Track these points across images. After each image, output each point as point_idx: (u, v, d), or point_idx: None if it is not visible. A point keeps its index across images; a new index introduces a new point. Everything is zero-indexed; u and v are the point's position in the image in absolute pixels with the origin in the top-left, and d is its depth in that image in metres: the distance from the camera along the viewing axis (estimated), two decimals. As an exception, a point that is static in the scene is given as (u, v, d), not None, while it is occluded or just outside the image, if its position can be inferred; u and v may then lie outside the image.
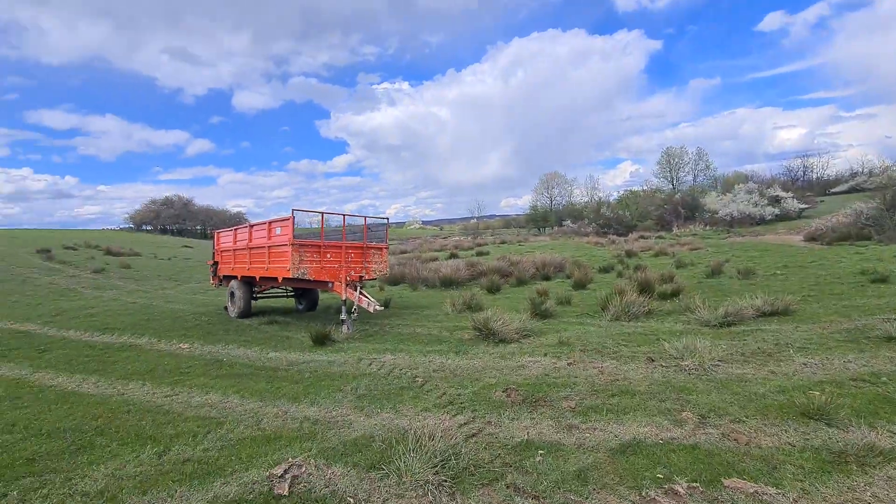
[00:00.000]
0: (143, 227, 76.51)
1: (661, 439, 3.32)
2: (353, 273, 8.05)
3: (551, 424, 3.68)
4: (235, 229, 9.81)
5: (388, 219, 8.98)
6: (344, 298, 7.67)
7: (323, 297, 12.15)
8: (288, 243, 7.55)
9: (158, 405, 4.49)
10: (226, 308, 10.43)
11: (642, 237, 41.93)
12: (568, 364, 5.29)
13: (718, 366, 4.95)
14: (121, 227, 77.73)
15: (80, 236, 42.46)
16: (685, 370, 4.88)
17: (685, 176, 70.13)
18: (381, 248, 8.92)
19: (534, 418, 3.82)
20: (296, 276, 7.54)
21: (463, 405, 4.21)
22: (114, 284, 17.27)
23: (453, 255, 30.98)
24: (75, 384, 5.24)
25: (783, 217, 49.92)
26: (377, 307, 7.33)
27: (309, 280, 7.82)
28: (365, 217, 8.62)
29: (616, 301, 8.06)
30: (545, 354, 5.79)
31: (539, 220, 71.17)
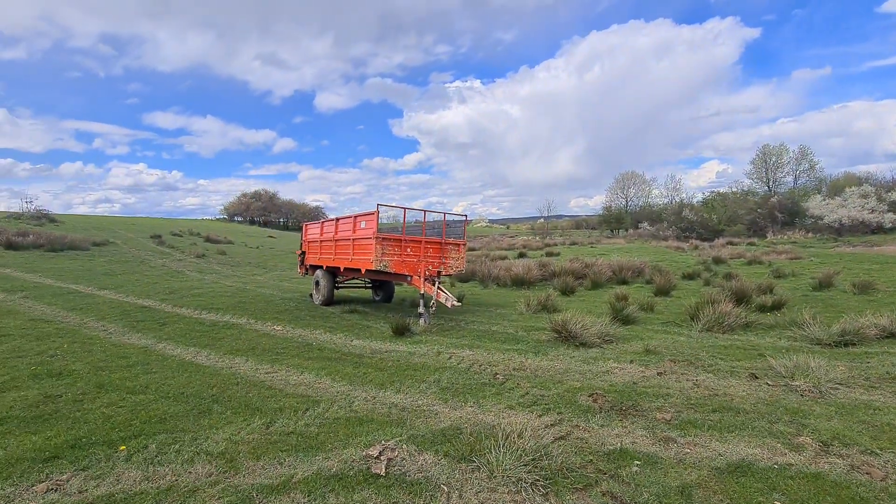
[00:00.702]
0: (235, 218, 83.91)
1: (776, 464, 3.04)
2: (431, 268, 8.23)
3: (645, 435, 3.51)
4: (323, 222, 10.45)
5: (466, 216, 9.08)
6: (422, 292, 7.88)
7: (398, 290, 12.54)
8: (372, 236, 7.89)
9: (261, 380, 4.91)
10: (311, 295, 11.14)
11: (731, 243, 38.59)
12: (658, 374, 5.01)
13: (837, 389, 4.42)
14: (217, 217, 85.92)
15: (184, 225, 47.58)
16: (796, 391, 4.42)
17: (784, 177, 63.05)
18: (458, 245, 9.03)
19: (625, 426, 3.67)
20: (378, 268, 7.87)
21: (548, 406, 4.15)
22: (213, 269, 19.14)
23: (522, 255, 30.56)
24: (191, 355, 5.89)
25: (907, 225, 43.41)
26: (454, 302, 7.44)
27: (389, 272, 8.12)
28: (444, 213, 8.78)
29: (708, 311, 7.48)
30: (631, 362, 5.53)
31: (613, 221, 67.93)
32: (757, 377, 4.85)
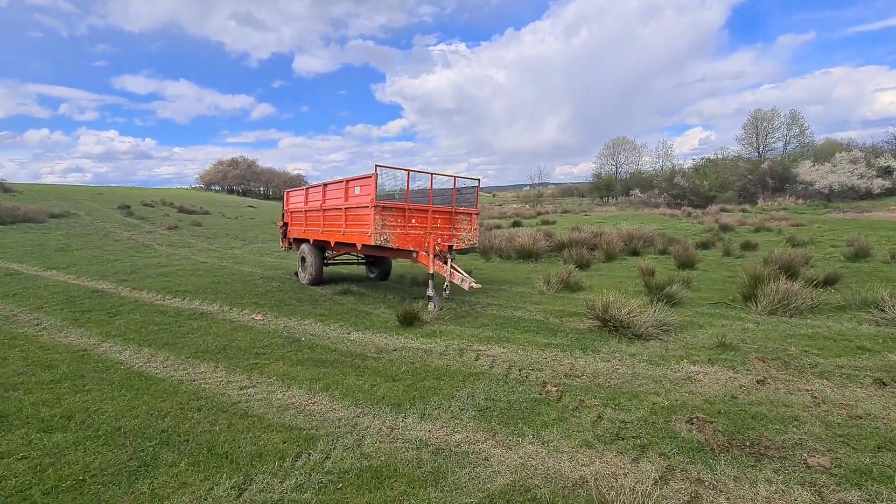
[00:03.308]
0: (212, 187, 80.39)
1: None
2: (441, 242, 6.89)
3: (813, 501, 2.35)
4: (307, 188, 8.92)
5: (479, 180, 7.68)
6: (432, 271, 6.57)
7: (395, 265, 11.20)
8: (370, 205, 6.47)
9: (234, 402, 3.62)
10: (296, 274, 9.75)
11: (724, 210, 38.14)
12: (758, 382, 3.87)
13: None
14: (192, 186, 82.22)
15: (156, 194, 44.83)
16: (952, 406, 3.32)
17: (774, 142, 62.64)
18: (470, 214, 7.67)
19: (772, 482, 2.51)
20: (378, 242, 6.50)
21: (639, 441, 2.97)
22: (186, 242, 17.45)
23: (517, 224, 29.42)
24: (143, 361, 4.54)
25: (895, 191, 43.60)
26: (473, 284, 6.17)
27: (391, 248, 6.76)
28: (454, 177, 7.35)
29: (768, 289, 6.38)
30: (710, 362, 4.39)
31: (603, 188, 66.89)
32: (885, 384, 3.75)
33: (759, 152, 62.19)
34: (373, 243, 6.49)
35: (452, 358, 4.69)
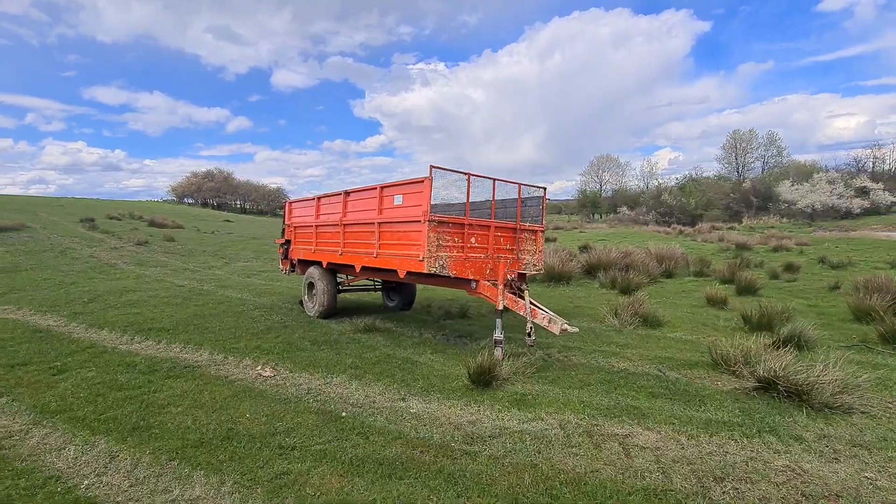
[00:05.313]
0: (185, 200, 76.72)
1: None
2: (510, 268, 5.29)
3: None
4: (319, 197, 7.21)
5: (545, 188, 6.13)
6: (501, 307, 4.94)
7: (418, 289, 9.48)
8: (422, 219, 4.84)
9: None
10: (300, 302, 7.96)
11: (714, 228, 37.99)
12: None
13: None
14: (163, 198, 78.30)
15: (124, 207, 41.73)
16: None
17: (753, 162, 64.46)
18: (535, 232, 6.10)
19: None
20: (432, 270, 4.85)
21: None
22: (158, 260, 15.30)
23: (515, 241, 28.08)
24: (96, 471, 2.76)
25: (872, 211, 44.96)
26: (567, 326, 4.57)
27: (445, 277, 5.12)
28: (519, 184, 5.79)
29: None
30: None
31: (589, 205, 66.85)
32: None
33: (738, 171, 63.63)
34: (426, 270, 4.83)
35: (587, 452, 3.07)
